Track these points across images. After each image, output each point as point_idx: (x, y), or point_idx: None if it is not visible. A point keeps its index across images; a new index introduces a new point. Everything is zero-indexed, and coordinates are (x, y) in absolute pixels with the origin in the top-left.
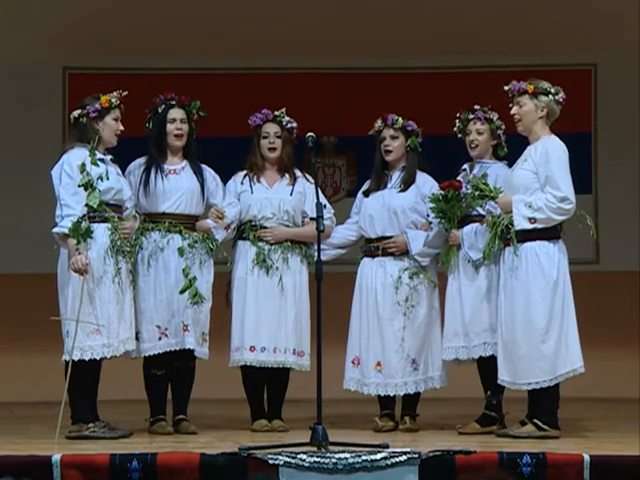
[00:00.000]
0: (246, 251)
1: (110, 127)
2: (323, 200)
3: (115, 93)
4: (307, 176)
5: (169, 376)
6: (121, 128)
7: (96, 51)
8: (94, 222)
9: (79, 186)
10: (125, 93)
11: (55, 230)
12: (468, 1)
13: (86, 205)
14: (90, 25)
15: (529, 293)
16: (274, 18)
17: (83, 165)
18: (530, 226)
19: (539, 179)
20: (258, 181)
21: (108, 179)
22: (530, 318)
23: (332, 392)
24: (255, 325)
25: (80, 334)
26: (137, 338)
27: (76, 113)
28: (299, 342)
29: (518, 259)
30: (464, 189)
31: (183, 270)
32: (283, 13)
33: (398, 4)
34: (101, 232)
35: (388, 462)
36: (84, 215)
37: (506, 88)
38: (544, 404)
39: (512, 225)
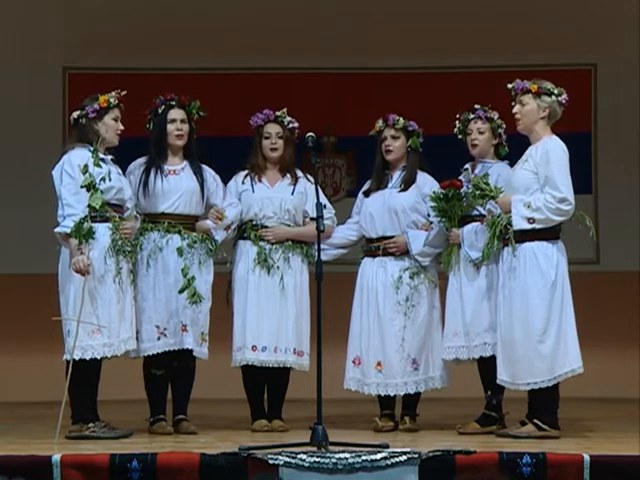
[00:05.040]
0: (247, 251)
1: (110, 127)
2: (324, 200)
3: (113, 93)
4: (308, 176)
5: (169, 376)
6: (121, 127)
7: (96, 51)
8: (95, 222)
9: (81, 187)
10: (124, 92)
11: (57, 230)
12: (468, 1)
13: (88, 206)
14: (90, 25)
15: (527, 293)
16: (274, 18)
17: (86, 166)
18: (529, 226)
19: (539, 179)
20: (259, 180)
21: (110, 180)
22: (528, 318)
23: (332, 392)
24: (256, 325)
25: (81, 333)
26: (137, 338)
27: (76, 114)
28: (299, 342)
29: (516, 259)
30: (465, 188)
31: (182, 270)
32: (283, 13)
33: (398, 4)
34: (102, 232)
35: (388, 462)
36: (86, 216)
37: (509, 86)
38: (544, 404)
39: (511, 225)
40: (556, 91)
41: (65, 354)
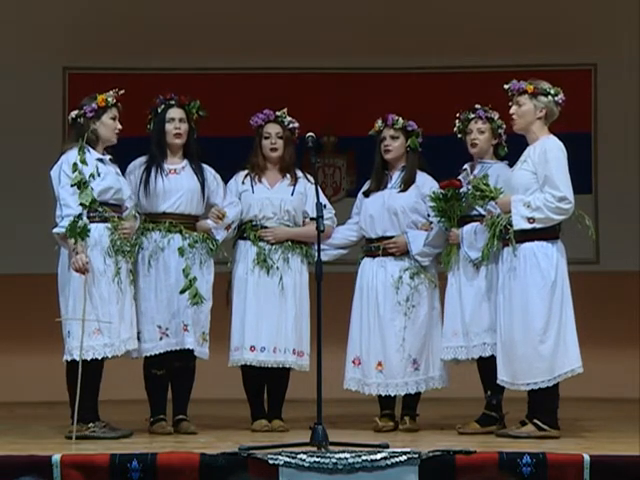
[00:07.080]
0: (247, 251)
1: (108, 126)
2: (323, 200)
3: (111, 92)
4: (308, 176)
5: (169, 376)
6: (119, 127)
7: (96, 51)
8: (94, 222)
9: (71, 185)
10: (122, 91)
11: (55, 230)
12: (468, 2)
13: (81, 204)
14: (90, 25)
15: (527, 294)
16: (275, 18)
17: (75, 165)
18: (529, 226)
19: (538, 179)
20: (259, 181)
21: (99, 175)
22: (528, 319)
23: (332, 392)
24: (255, 325)
25: (81, 334)
26: (138, 338)
27: (74, 114)
28: (299, 342)
29: (516, 259)
30: (464, 188)
31: (183, 270)
32: (284, 13)
33: (398, 4)
34: (101, 232)
35: (388, 462)
36: (80, 214)
37: (506, 87)
38: (544, 404)
39: (511, 225)
40: (552, 91)
41: (65, 354)
